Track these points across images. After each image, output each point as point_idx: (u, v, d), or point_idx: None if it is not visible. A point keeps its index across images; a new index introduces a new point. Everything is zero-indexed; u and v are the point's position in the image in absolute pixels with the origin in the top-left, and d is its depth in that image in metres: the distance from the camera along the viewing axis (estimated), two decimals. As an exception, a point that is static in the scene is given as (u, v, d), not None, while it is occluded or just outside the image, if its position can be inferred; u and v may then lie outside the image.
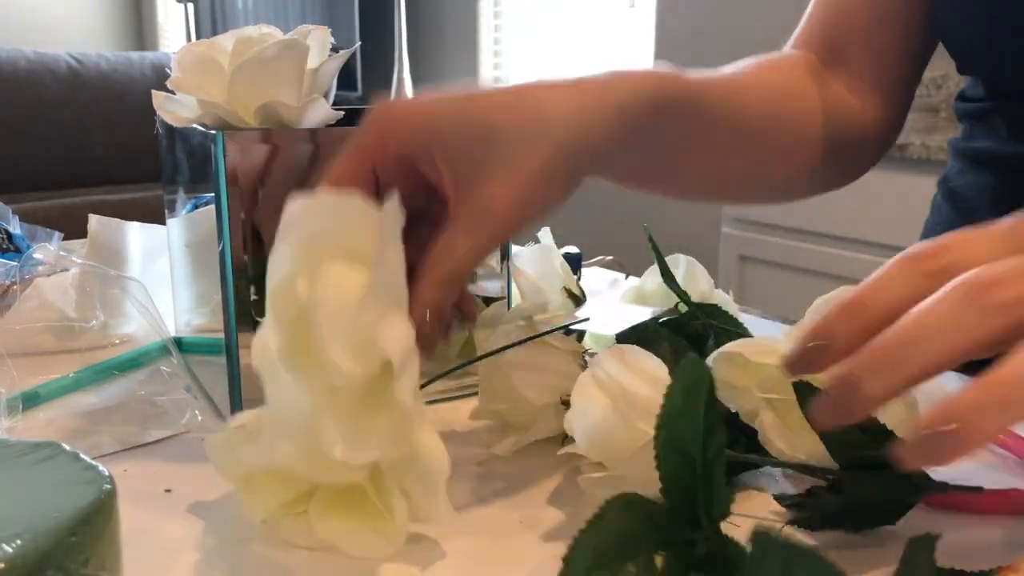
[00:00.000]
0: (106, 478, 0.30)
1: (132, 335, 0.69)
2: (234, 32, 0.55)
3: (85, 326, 0.66)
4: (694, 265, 0.61)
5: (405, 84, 3.66)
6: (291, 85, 0.53)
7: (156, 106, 0.56)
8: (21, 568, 0.26)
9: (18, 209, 0.90)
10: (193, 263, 0.61)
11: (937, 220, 0.77)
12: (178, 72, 0.54)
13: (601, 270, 0.92)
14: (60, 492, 0.29)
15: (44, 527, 0.27)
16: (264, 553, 0.41)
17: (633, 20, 2.87)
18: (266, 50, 0.52)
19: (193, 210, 0.59)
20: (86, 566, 0.28)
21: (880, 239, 1.81)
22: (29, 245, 0.79)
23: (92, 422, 0.54)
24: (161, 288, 0.65)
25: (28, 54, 2.15)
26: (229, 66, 0.54)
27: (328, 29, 0.56)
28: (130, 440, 0.51)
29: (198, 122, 0.55)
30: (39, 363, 0.63)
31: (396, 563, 0.40)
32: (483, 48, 3.36)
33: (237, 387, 0.52)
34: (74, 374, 0.59)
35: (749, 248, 2.03)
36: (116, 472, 0.47)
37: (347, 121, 0.55)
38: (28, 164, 2.12)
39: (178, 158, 0.60)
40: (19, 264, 0.67)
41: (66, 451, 0.32)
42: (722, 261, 2.08)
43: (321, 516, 0.41)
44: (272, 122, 0.54)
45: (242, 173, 0.50)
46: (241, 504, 0.42)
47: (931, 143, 1.70)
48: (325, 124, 0.55)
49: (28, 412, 0.55)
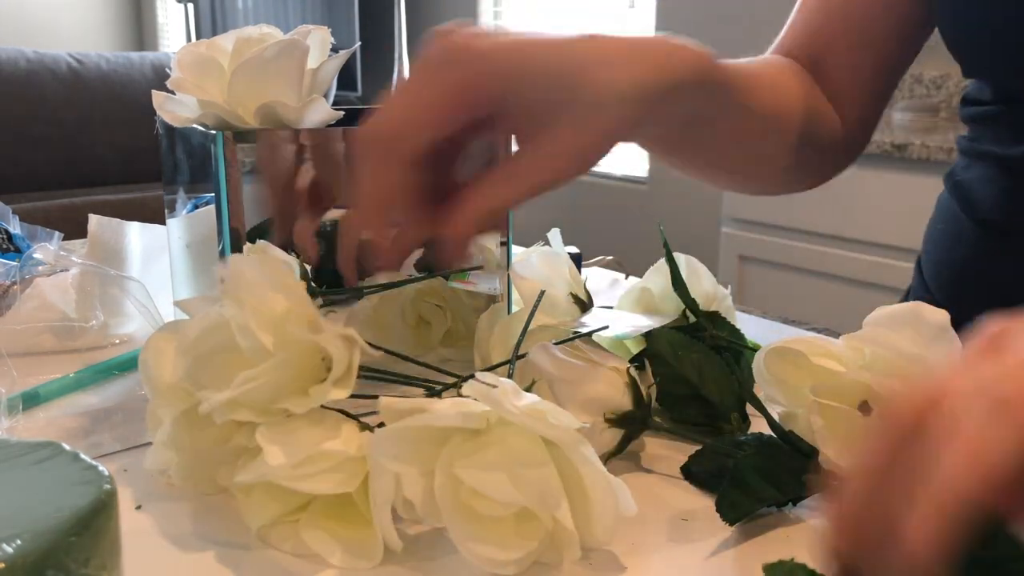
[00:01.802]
0: (106, 478, 0.30)
1: (132, 335, 0.69)
2: (234, 32, 0.55)
3: (85, 326, 0.66)
4: (695, 264, 0.61)
5: (405, 84, 3.62)
6: (291, 85, 0.53)
7: (156, 106, 0.56)
8: (21, 568, 0.26)
9: (18, 209, 0.90)
10: (193, 263, 0.61)
11: (941, 217, 0.77)
12: (178, 72, 0.54)
13: (601, 270, 0.92)
14: (60, 492, 0.29)
15: (44, 527, 0.27)
16: (264, 553, 0.41)
17: (633, 20, 2.87)
18: (266, 50, 0.52)
19: (193, 210, 0.59)
20: (86, 566, 0.28)
21: (880, 239, 1.81)
22: (29, 245, 0.79)
23: (92, 422, 0.54)
24: (161, 288, 0.65)
25: (28, 54, 2.15)
26: (229, 66, 0.54)
27: (328, 29, 0.56)
28: (130, 440, 0.51)
29: (198, 122, 0.55)
30: (39, 363, 0.63)
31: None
32: (483, 48, 3.35)
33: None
34: (74, 374, 0.59)
35: (749, 248, 2.03)
36: (116, 472, 0.47)
37: (347, 121, 0.55)
38: (28, 164, 2.11)
39: (178, 158, 0.60)
40: (19, 264, 0.67)
41: (66, 451, 0.32)
42: (722, 261, 2.08)
43: (310, 524, 0.41)
44: (272, 122, 0.54)
45: (271, 171, 0.51)
46: (241, 511, 0.42)
47: (931, 143, 1.70)
48: (325, 124, 0.55)
49: (28, 412, 0.55)
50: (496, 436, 0.39)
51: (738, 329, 0.59)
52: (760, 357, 0.48)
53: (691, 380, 0.52)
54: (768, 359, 0.47)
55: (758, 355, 0.48)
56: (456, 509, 0.39)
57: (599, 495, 0.39)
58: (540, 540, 0.39)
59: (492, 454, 0.38)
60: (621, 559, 0.41)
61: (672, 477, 0.48)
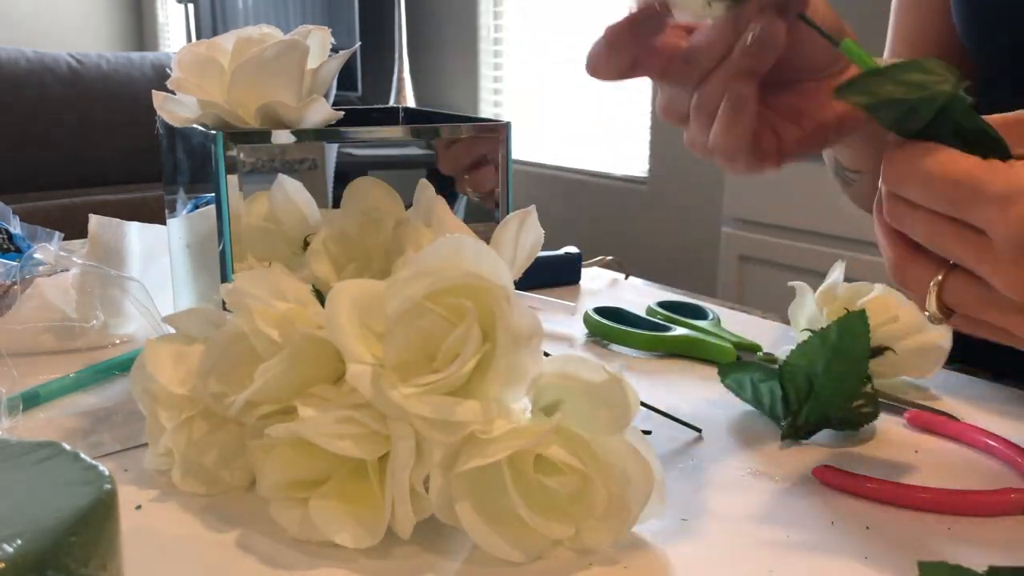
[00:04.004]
0: (106, 478, 0.30)
1: (132, 335, 0.69)
2: (234, 32, 0.55)
3: (85, 326, 0.66)
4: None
5: (405, 84, 3.66)
6: (291, 85, 0.53)
7: (156, 106, 0.56)
8: (21, 568, 0.26)
9: (18, 209, 0.90)
10: (193, 263, 0.61)
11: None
12: (178, 72, 0.54)
13: (601, 270, 0.92)
14: (60, 492, 0.29)
15: (44, 527, 0.27)
16: (265, 553, 0.41)
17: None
18: (266, 50, 0.52)
19: (193, 210, 0.59)
20: (86, 566, 0.28)
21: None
22: (29, 245, 0.79)
23: (92, 422, 0.54)
24: (161, 288, 0.65)
25: (28, 54, 2.15)
26: (229, 66, 0.54)
27: (328, 29, 0.56)
28: (130, 440, 0.51)
29: (198, 122, 0.55)
30: (39, 363, 0.63)
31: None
32: (483, 48, 3.35)
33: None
34: (74, 374, 0.59)
35: (749, 248, 2.03)
36: (116, 472, 0.48)
37: (347, 121, 0.55)
38: (28, 164, 2.11)
39: (178, 158, 0.60)
40: (19, 264, 0.67)
41: (66, 451, 0.32)
42: (722, 261, 2.08)
43: (321, 497, 0.42)
44: (272, 122, 0.54)
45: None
46: (254, 467, 0.44)
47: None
48: (325, 124, 0.55)
49: (28, 412, 0.55)
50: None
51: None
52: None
53: None
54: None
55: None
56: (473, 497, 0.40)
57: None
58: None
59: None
60: (622, 559, 0.41)
61: (671, 478, 0.49)
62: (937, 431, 0.55)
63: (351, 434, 0.41)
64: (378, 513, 0.41)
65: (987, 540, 0.43)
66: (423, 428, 0.40)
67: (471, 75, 3.40)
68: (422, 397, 0.40)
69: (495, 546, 0.40)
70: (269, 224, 0.53)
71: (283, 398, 0.43)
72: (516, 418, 0.41)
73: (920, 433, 0.55)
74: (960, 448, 0.53)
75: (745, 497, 0.47)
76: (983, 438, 0.52)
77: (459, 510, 0.40)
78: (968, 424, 0.54)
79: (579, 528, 0.41)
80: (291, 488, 0.43)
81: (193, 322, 0.48)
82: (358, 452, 0.41)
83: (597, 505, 0.41)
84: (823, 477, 0.48)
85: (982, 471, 0.50)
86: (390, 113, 0.69)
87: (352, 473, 0.43)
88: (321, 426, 0.41)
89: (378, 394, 0.40)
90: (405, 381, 0.40)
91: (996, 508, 0.45)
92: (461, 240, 0.41)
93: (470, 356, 0.40)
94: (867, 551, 0.42)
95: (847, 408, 0.52)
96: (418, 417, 0.39)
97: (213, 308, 0.49)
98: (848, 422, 0.53)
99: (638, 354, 0.69)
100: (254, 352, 0.44)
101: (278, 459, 0.43)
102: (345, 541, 0.41)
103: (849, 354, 0.52)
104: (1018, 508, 0.45)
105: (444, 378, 0.40)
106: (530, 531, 0.40)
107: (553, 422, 0.40)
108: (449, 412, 0.39)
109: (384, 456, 0.42)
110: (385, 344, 0.41)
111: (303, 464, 0.43)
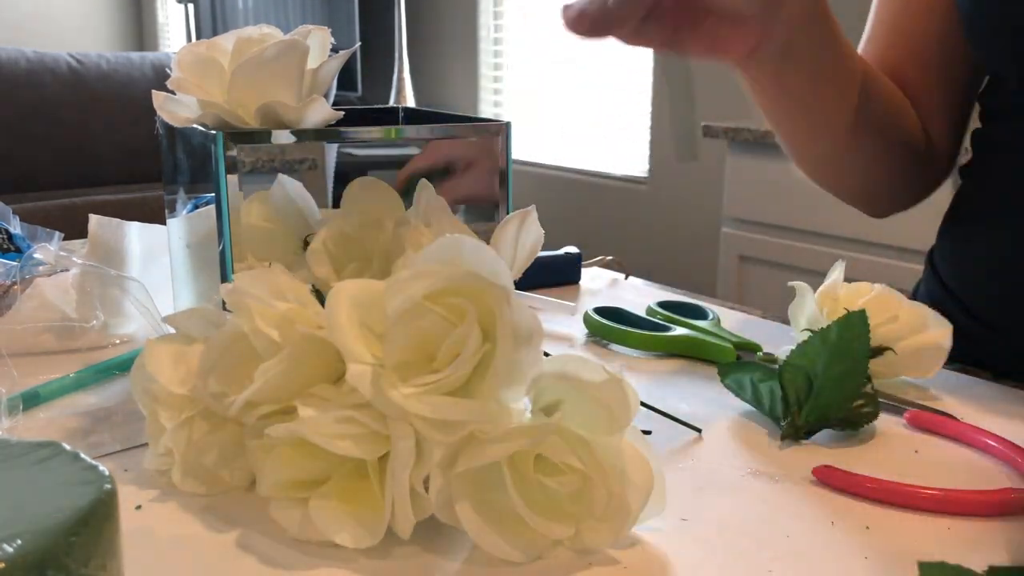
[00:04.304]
0: (106, 478, 0.30)
1: (132, 335, 0.69)
2: (234, 32, 0.55)
3: (85, 326, 0.66)
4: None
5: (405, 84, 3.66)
6: (291, 85, 0.53)
7: (156, 106, 0.56)
8: (21, 568, 0.26)
9: (18, 209, 0.90)
10: (193, 263, 0.61)
11: (954, 205, 0.78)
12: (178, 72, 0.54)
13: (601, 270, 0.92)
14: (60, 492, 0.29)
15: (44, 527, 0.27)
16: (265, 553, 0.41)
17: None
18: (266, 50, 0.52)
19: (193, 210, 0.59)
20: (86, 566, 0.28)
21: (880, 239, 1.81)
22: (29, 245, 0.79)
23: (92, 422, 0.54)
24: (161, 288, 0.65)
25: (28, 54, 2.15)
26: (229, 66, 0.54)
27: (328, 29, 0.56)
28: (130, 440, 0.51)
29: (198, 122, 0.55)
30: (39, 363, 0.63)
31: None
32: (483, 48, 3.35)
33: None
34: (74, 374, 0.59)
35: (749, 248, 2.03)
36: (116, 472, 0.48)
37: (347, 121, 0.55)
38: (28, 164, 2.11)
39: (178, 158, 0.60)
40: (19, 264, 0.67)
41: (66, 451, 0.32)
42: (722, 261, 2.08)
43: (321, 497, 0.42)
44: (272, 122, 0.54)
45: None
46: (254, 467, 0.44)
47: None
48: (325, 124, 0.55)
49: (28, 412, 0.55)
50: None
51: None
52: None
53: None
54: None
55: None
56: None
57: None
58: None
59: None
60: (622, 559, 0.41)
61: (671, 478, 0.49)
62: (937, 431, 0.55)
63: (351, 434, 0.41)
64: (378, 513, 0.41)
65: (987, 540, 0.43)
66: (423, 428, 0.40)
67: (471, 75, 3.40)
68: (422, 397, 0.40)
69: (495, 546, 0.40)
70: (269, 224, 0.53)
71: (283, 398, 0.43)
72: (516, 418, 0.41)
73: (920, 433, 0.55)
74: (960, 448, 0.53)
75: (745, 497, 0.47)
76: (983, 438, 0.52)
77: (459, 510, 0.40)
78: (968, 424, 0.54)
79: (579, 528, 0.41)
80: (291, 488, 0.43)
81: (193, 322, 0.48)
82: (358, 452, 0.41)
83: (597, 505, 0.41)
84: (823, 477, 0.48)
85: (982, 471, 0.50)
86: (390, 113, 0.69)
87: (352, 473, 0.43)
88: (321, 426, 0.41)
89: (378, 394, 0.40)
90: (405, 381, 0.40)
91: (996, 508, 0.45)
92: (461, 240, 0.41)
93: (470, 356, 0.40)
94: (867, 551, 0.42)
95: (847, 408, 0.53)
96: (418, 417, 0.39)
97: (213, 308, 0.49)
98: (848, 422, 0.53)
99: (638, 354, 0.69)
100: (254, 352, 0.44)
101: (278, 459, 0.43)
102: (345, 541, 0.41)
103: (849, 354, 0.52)
104: (1018, 508, 0.45)
105: (444, 378, 0.40)
106: (530, 531, 0.40)
107: (553, 422, 0.40)
108: (449, 412, 0.39)
109: (384, 456, 0.42)
110: (385, 344, 0.41)
111: (303, 464, 0.43)
